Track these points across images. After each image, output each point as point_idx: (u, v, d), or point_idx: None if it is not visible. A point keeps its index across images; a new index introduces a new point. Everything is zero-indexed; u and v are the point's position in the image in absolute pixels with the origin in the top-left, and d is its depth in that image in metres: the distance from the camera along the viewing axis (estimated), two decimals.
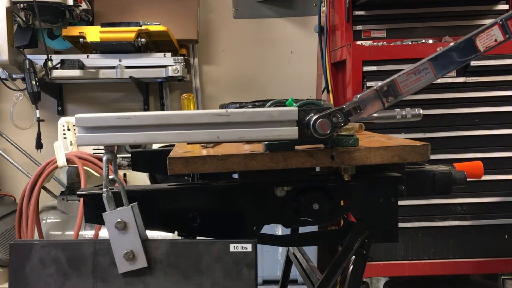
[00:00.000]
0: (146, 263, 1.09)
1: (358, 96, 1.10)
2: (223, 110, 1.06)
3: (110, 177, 1.09)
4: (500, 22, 1.05)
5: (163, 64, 3.22)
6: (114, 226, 1.08)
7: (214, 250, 1.09)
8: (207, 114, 1.06)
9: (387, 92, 1.10)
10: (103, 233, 2.80)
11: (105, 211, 1.09)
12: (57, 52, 3.43)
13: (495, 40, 1.06)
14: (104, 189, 1.08)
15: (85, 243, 1.10)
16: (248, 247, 1.09)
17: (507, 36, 1.05)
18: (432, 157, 1.16)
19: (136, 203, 1.12)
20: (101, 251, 1.09)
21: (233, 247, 1.09)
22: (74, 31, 3.16)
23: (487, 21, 2.48)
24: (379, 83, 1.11)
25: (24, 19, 3.12)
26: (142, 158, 1.55)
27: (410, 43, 2.41)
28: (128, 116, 1.04)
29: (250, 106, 1.45)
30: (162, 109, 3.73)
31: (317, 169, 1.37)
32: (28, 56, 3.01)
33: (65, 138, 3.08)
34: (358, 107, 1.10)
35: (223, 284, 1.09)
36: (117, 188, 1.13)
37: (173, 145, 1.40)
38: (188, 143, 1.44)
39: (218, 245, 1.10)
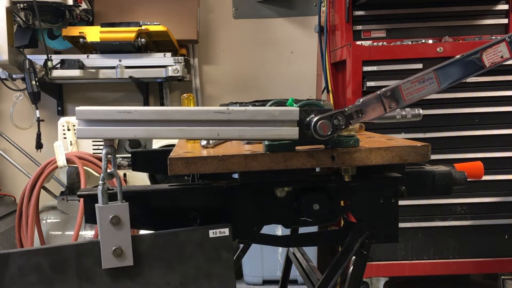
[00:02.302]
0: (132, 261, 1.09)
1: (361, 100, 1.10)
2: (224, 108, 1.06)
3: (109, 171, 1.09)
4: (508, 39, 1.06)
5: (163, 64, 3.22)
6: (109, 221, 1.07)
7: (195, 238, 1.12)
8: (208, 111, 1.06)
9: (390, 98, 1.10)
10: None
11: None
12: (57, 52, 3.43)
13: (501, 57, 1.07)
14: (100, 182, 1.07)
15: (66, 247, 1.09)
16: (226, 231, 1.13)
17: None
18: (432, 157, 1.16)
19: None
20: (84, 252, 1.08)
21: (212, 233, 1.12)
22: (74, 31, 3.16)
23: (487, 21, 2.48)
24: (383, 88, 1.11)
25: (24, 19, 3.12)
26: (142, 158, 1.55)
27: (410, 43, 2.41)
28: (129, 111, 1.04)
29: (250, 106, 1.45)
30: None
31: (317, 169, 1.37)
32: (28, 56, 3.01)
33: (65, 138, 3.08)
34: (360, 111, 1.10)
35: (205, 269, 1.12)
36: (114, 187, 1.13)
37: (173, 145, 1.40)
38: (188, 140, 1.44)
39: (198, 232, 1.12)
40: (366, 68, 2.36)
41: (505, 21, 2.48)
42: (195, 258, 1.12)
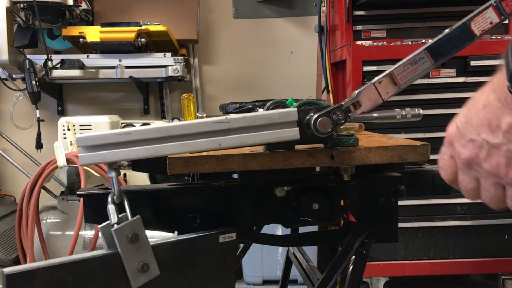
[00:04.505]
0: (158, 270, 1.06)
1: (356, 91, 1.10)
2: (223, 117, 1.06)
3: (117, 194, 1.07)
4: (494, 4, 1.03)
5: (163, 64, 3.23)
6: (128, 240, 1.03)
7: (206, 243, 1.14)
8: (207, 123, 1.05)
9: (385, 85, 1.10)
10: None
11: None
12: (57, 52, 3.44)
13: (491, 22, 1.04)
14: (110, 204, 1.05)
15: (89, 259, 1.03)
16: (233, 236, 1.16)
17: (502, 17, 1.03)
18: (432, 157, 1.16)
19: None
20: (108, 264, 1.04)
21: (222, 238, 1.15)
22: (74, 31, 3.16)
23: None
24: (376, 77, 1.11)
25: (24, 19, 3.13)
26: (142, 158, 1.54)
27: (410, 43, 2.41)
28: (128, 132, 1.02)
29: (250, 106, 1.45)
30: (162, 109, 3.74)
31: (318, 169, 1.37)
32: (28, 56, 3.01)
33: (65, 138, 3.08)
34: (357, 103, 1.10)
35: (212, 271, 1.15)
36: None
37: None
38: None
39: (209, 238, 1.15)
40: (366, 68, 2.36)
41: (505, 21, 2.47)
42: (205, 262, 1.13)
